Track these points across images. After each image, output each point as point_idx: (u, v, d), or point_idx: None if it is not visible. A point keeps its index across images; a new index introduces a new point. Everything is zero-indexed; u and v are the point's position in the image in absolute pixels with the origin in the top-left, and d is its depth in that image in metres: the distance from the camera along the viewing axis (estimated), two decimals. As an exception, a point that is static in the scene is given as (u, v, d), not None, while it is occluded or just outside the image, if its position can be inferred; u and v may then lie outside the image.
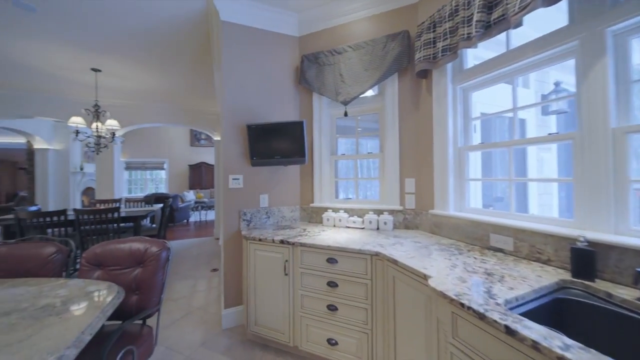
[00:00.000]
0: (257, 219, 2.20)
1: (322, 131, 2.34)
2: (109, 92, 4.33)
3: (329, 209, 2.17)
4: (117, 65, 3.41)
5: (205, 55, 3.21)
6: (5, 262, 1.27)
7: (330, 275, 1.54)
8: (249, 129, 2.13)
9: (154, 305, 1.22)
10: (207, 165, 9.91)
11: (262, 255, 1.79)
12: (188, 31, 2.67)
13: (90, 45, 2.90)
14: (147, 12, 2.35)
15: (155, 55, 3.16)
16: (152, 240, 1.34)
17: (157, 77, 3.82)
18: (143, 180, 9.87)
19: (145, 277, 1.23)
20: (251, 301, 1.84)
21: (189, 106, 5.23)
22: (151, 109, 5.00)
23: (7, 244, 1.34)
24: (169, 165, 10.05)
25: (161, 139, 9.81)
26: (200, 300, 2.57)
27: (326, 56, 2.26)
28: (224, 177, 2.17)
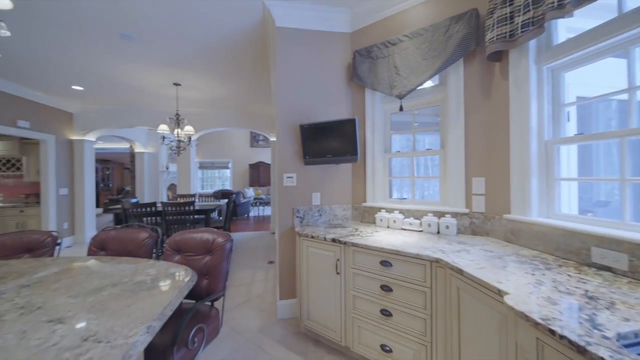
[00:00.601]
0: (310, 217, 2.25)
1: (375, 128, 2.25)
2: (186, 102, 5.04)
3: (382, 209, 2.07)
4: (193, 79, 3.94)
5: (262, 62, 3.43)
6: (114, 243, 1.59)
7: (384, 278, 1.47)
8: (302, 129, 2.18)
9: (220, 290, 1.36)
10: (265, 165, 10.69)
11: (314, 253, 1.82)
12: (248, 41, 2.89)
13: (172, 63, 3.41)
14: (215, 29, 2.63)
15: (222, 67, 3.53)
16: (218, 232, 1.49)
17: (223, 86, 4.27)
18: (212, 178, 11.25)
19: (213, 265, 1.38)
20: (304, 296, 1.89)
21: (248, 110, 5.70)
22: (218, 115, 5.63)
23: (116, 229, 1.68)
24: (232, 164, 11.21)
25: (226, 142, 10.99)
26: (259, 289, 2.78)
27: (379, 49, 2.17)
28: (279, 175, 2.29)
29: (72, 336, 0.72)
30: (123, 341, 0.69)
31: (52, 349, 0.67)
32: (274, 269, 3.38)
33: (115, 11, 2.33)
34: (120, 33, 2.69)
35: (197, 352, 1.10)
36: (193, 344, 1.08)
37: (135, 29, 2.64)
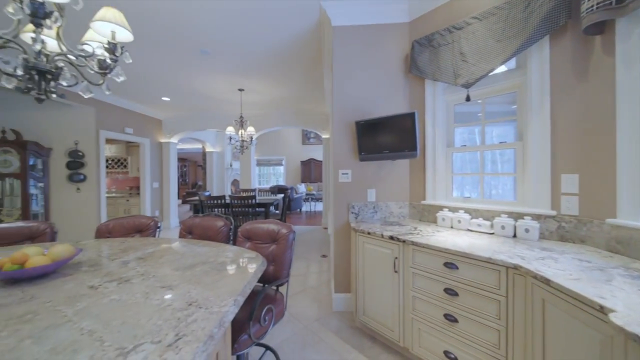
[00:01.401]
0: (365, 213, 2.25)
1: (437, 121, 2.11)
2: (248, 105, 5.53)
3: (444, 208, 1.94)
4: (254, 84, 4.30)
5: (315, 62, 3.54)
6: (198, 229, 1.88)
7: (448, 281, 1.39)
8: (357, 125, 2.19)
9: (284, 276, 1.48)
10: (316, 161, 11.00)
11: (371, 249, 1.82)
12: (303, 44, 3.01)
13: (237, 72, 3.79)
14: (274, 37, 2.83)
15: (279, 70, 3.76)
16: (282, 224, 1.62)
17: (280, 88, 4.55)
18: (267, 174, 12.12)
19: (278, 253, 1.51)
20: (359, 291, 1.91)
21: (302, 109, 5.94)
22: (275, 115, 6.02)
23: (199, 217, 1.97)
24: (285, 161, 11.87)
25: (280, 140, 11.66)
26: (313, 280, 2.91)
27: (442, 35, 2.01)
28: (334, 171, 2.34)
29: (180, 300, 0.89)
30: (217, 309, 0.83)
31: (168, 308, 0.84)
32: (328, 262, 3.48)
33: (198, 31, 2.71)
34: (201, 49, 3.12)
35: (267, 329, 1.23)
36: (264, 321, 1.21)
37: (212, 45, 3.02)
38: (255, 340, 1.15)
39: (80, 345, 0.66)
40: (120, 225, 1.95)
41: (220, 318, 0.78)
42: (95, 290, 0.98)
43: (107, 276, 1.11)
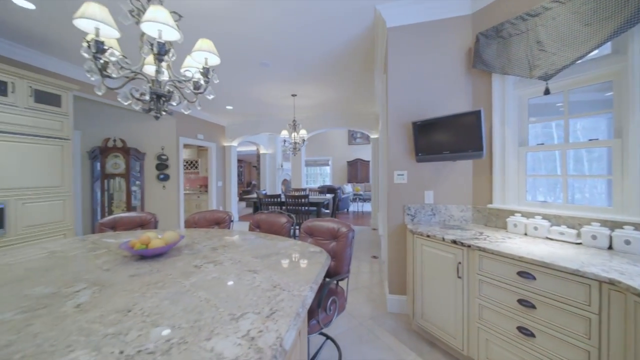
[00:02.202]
0: (422, 215, 2.20)
1: (506, 118, 1.94)
2: (300, 109, 5.83)
3: (516, 213, 1.78)
4: (306, 89, 4.53)
5: (366, 64, 3.56)
6: (265, 224, 2.11)
7: (523, 292, 1.29)
8: (414, 126, 2.15)
9: (345, 272, 1.57)
10: (362, 162, 10.91)
11: (430, 252, 1.79)
12: (354, 47, 3.07)
13: (291, 79, 4.05)
14: (327, 44, 2.95)
15: (331, 74, 3.89)
16: (342, 222, 1.72)
17: (330, 91, 4.69)
18: (314, 174, 12.50)
19: (339, 249, 1.61)
20: (417, 294, 1.89)
21: (351, 110, 5.99)
22: (325, 117, 6.21)
23: (264, 213, 2.20)
24: (332, 161, 12.07)
25: (327, 141, 11.90)
26: (365, 280, 2.95)
27: (513, 24, 1.85)
28: (388, 172, 2.35)
29: (266, 283, 1.05)
30: (298, 293, 0.96)
31: (258, 288, 1.01)
32: (378, 263, 3.48)
33: (260, 47, 3.01)
34: (261, 62, 3.44)
35: (332, 318, 1.33)
36: (330, 311, 1.32)
37: (270, 57, 3.31)
38: (323, 325, 1.27)
39: (202, 309, 0.86)
40: (204, 218, 2.30)
41: (303, 300, 0.91)
42: (199, 268, 1.22)
43: (204, 259, 1.36)
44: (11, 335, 0.72)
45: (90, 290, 1.00)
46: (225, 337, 0.71)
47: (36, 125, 2.64)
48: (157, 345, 0.67)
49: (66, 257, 1.41)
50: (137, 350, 0.65)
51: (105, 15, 1.21)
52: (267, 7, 2.31)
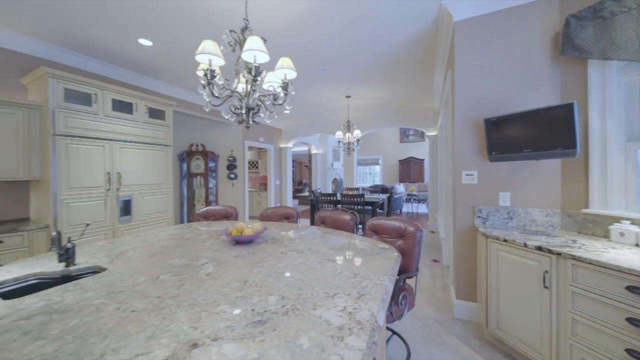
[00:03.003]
0: (495, 218, 2.06)
1: (608, 110, 1.69)
2: (353, 109, 5.91)
3: (623, 220, 1.54)
4: (360, 89, 4.59)
5: (425, 61, 3.43)
6: (330, 220, 2.26)
7: (634, 310, 1.14)
8: (487, 123, 2.03)
9: (413, 270, 1.61)
10: (416, 160, 10.38)
11: (507, 258, 1.68)
12: (414, 45, 3.00)
13: (346, 81, 4.15)
14: (385, 45, 2.96)
15: (386, 74, 3.87)
16: (408, 221, 1.75)
17: (384, 90, 4.65)
18: (364, 174, 12.40)
19: (407, 248, 1.65)
20: (491, 302, 1.80)
21: (405, 108, 5.81)
22: (378, 116, 6.15)
23: (329, 210, 2.36)
24: (382, 160, 11.79)
25: (376, 139, 11.67)
26: (426, 283, 2.87)
27: (618, 1, 1.60)
28: (455, 172, 2.26)
29: (346, 271, 1.18)
30: (379, 282, 1.06)
31: (341, 275, 1.14)
32: (440, 267, 3.33)
33: (320, 54, 3.20)
34: (320, 68, 3.64)
35: (403, 312, 1.40)
36: (401, 305, 1.38)
37: (329, 63, 3.48)
38: (396, 317, 1.34)
39: (301, 286, 1.03)
40: (275, 213, 2.59)
41: (385, 288, 1.01)
42: (285, 255, 1.42)
43: (286, 247, 1.57)
44: (175, 290, 1.00)
45: (212, 264, 1.28)
46: (327, 309, 0.85)
47: (149, 136, 3.33)
48: (276, 308, 0.86)
49: (183, 239, 1.80)
50: (263, 310, 0.85)
51: (216, 49, 1.51)
52: (328, 19, 2.46)
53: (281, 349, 0.66)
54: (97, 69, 3.34)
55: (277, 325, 0.76)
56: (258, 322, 0.78)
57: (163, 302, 0.90)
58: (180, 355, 0.64)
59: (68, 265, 1.28)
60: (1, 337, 0.72)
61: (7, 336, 0.72)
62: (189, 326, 0.76)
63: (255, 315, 0.82)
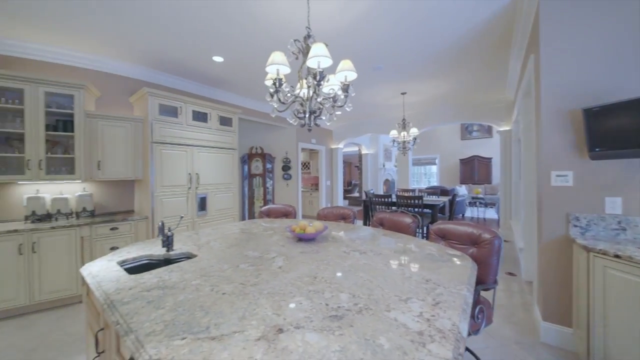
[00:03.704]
0: (600, 229, 1.70)
1: None
2: (408, 106, 5.61)
3: None
4: (417, 85, 4.33)
5: (496, 48, 3.04)
6: (389, 222, 2.19)
7: None
8: (587, 114, 1.69)
9: (491, 282, 1.44)
10: (481, 159, 9.28)
11: (620, 278, 1.37)
12: (486, 29, 2.67)
13: (402, 78, 3.96)
14: (446, 37, 2.72)
15: (448, 66, 3.55)
16: (483, 227, 1.57)
17: (445, 84, 4.28)
18: (419, 174, 11.64)
19: (482, 257, 1.49)
20: (596, 329, 1.48)
21: (468, 102, 5.24)
22: (437, 112, 5.71)
23: (387, 212, 2.29)
24: (439, 160, 10.88)
25: (433, 137, 10.83)
26: (501, 299, 2.54)
27: None
28: (541, 172, 1.94)
29: (416, 276, 1.13)
30: (456, 291, 0.98)
31: (410, 279, 1.09)
32: (517, 282, 2.90)
33: (375, 53, 3.14)
34: (374, 66, 3.57)
35: (480, 327, 1.26)
36: (478, 319, 1.25)
37: (384, 60, 3.38)
38: (472, 332, 1.22)
39: (369, 286, 1.03)
40: (331, 213, 2.64)
41: (464, 299, 0.93)
42: (348, 255, 1.43)
43: (348, 247, 1.58)
44: (254, 278, 1.11)
45: (281, 258, 1.38)
46: (402, 312, 0.83)
47: (220, 141, 3.77)
48: (349, 306, 0.87)
49: (251, 233, 1.98)
50: (337, 306, 0.87)
51: (283, 59, 1.62)
52: (384, 16, 2.39)
53: (361, 346, 0.67)
54: (180, 86, 3.94)
55: (353, 322, 0.77)
56: (334, 316, 0.81)
57: (246, 289, 1.01)
58: (270, 337, 0.70)
59: (168, 250, 1.54)
60: (134, 303, 0.91)
61: (137, 303, 0.91)
62: (272, 312, 0.83)
63: (329, 310, 0.85)
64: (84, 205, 2.98)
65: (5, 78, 2.44)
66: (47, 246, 2.47)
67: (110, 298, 0.95)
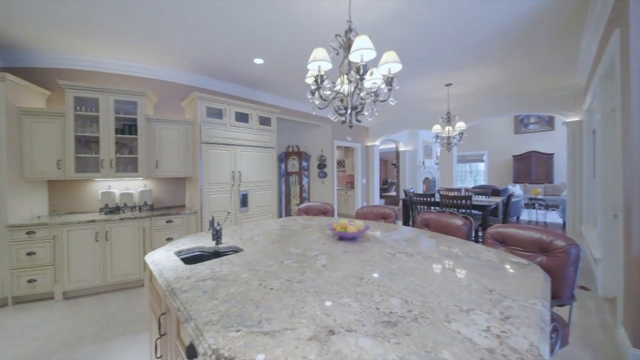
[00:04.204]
0: None
1: None
2: (454, 98, 5.19)
3: None
4: (464, 75, 3.96)
5: (566, 24, 2.61)
6: (435, 223, 2.04)
7: None
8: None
9: (565, 296, 1.24)
10: (539, 155, 8.22)
11: None
12: (553, 7, 2.31)
13: (447, 67, 3.66)
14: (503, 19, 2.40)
15: (502, 51, 3.17)
16: (554, 232, 1.36)
17: (497, 72, 3.84)
18: (462, 172, 10.75)
19: (554, 267, 1.28)
20: None
21: (528, 90, 4.65)
22: (486, 104, 5.19)
23: (433, 212, 2.13)
24: (487, 156, 9.92)
25: (481, 131, 9.89)
26: (575, 314, 2.19)
27: None
28: (631, 170, 1.61)
29: (475, 284, 1.01)
30: (528, 305, 0.85)
31: (470, 288, 0.98)
32: (593, 298, 2.49)
33: (416, 43, 2.94)
34: (417, 58, 3.36)
35: (553, 348, 1.09)
36: (551, 339, 1.08)
37: (426, 50, 3.15)
38: (544, 353, 1.06)
39: (422, 292, 0.94)
40: (370, 212, 2.55)
41: (540, 315, 0.80)
42: (394, 257, 1.35)
43: (393, 248, 1.50)
44: (299, 275, 1.11)
45: (324, 256, 1.36)
46: (464, 325, 0.74)
47: (259, 140, 3.92)
48: (402, 312, 0.81)
49: (292, 230, 2.00)
50: (389, 311, 0.82)
51: (325, 55, 1.59)
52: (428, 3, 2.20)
53: (422, 358, 0.61)
54: (224, 89, 4.19)
55: (409, 331, 0.71)
56: (387, 322, 0.75)
57: (293, 285, 1.00)
58: (322, 338, 0.68)
59: (217, 243, 1.63)
60: (192, 292, 0.96)
61: (194, 292, 0.96)
62: (321, 312, 0.81)
63: (381, 314, 0.80)
64: (145, 200, 3.35)
65: (85, 90, 2.84)
66: (117, 235, 2.82)
67: (171, 286, 1.02)
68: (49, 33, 2.63)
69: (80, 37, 2.71)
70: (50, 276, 2.59)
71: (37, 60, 3.01)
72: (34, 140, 2.72)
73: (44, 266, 2.56)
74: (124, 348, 1.88)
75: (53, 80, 3.03)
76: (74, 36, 2.70)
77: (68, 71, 3.13)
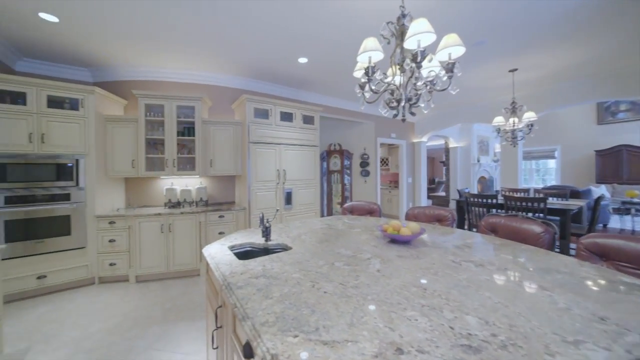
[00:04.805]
0: None
1: None
2: (521, 86, 4.53)
3: None
4: (532, 58, 3.41)
5: None
6: (503, 228, 1.76)
7: None
8: None
9: None
10: (632, 150, 6.72)
11: None
12: None
13: (513, 51, 3.17)
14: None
15: (582, 26, 2.61)
16: (688, 248, 1.03)
17: (575, 51, 3.21)
18: (528, 171, 9.41)
19: (690, 292, 0.97)
20: None
21: (618, 71, 3.79)
22: (560, 90, 4.40)
23: (502, 216, 1.85)
24: (560, 152, 8.50)
25: (551, 123, 8.51)
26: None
27: None
28: None
29: (578, 308, 0.81)
30: None
31: (570, 313, 0.79)
32: None
33: (477, 22, 2.60)
34: (475, 42, 2.98)
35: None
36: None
37: (488, 33, 2.78)
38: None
39: (507, 313, 0.78)
40: (422, 213, 2.35)
41: (695, 362, 0.58)
42: (459, 265, 1.18)
43: (456, 255, 1.32)
44: (353, 280, 1.03)
45: (377, 260, 1.26)
46: (577, 363, 0.57)
47: (303, 138, 3.95)
48: (485, 336, 0.67)
49: (338, 230, 1.94)
50: (466, 332, 0.69)
51: (377, 44, 1.48)
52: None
53: (525, 404, 0.48)
54: (270, 90, 4.33)
55: (500, 362, 0.58)
56: (467, 347, 0.63)
57: (348, 290, 0.93)
58: (389, 357, 0.59)
59: (267, 240, 1.65)
60: (246, 289, 0.96)
61: (249, 289, 0.96)
62: (384, 325, 0.72)
63: (457, 336, 0.67)
64: (201, 196, 3.65)
65: (154, 97, 3.20)
66: (178, 227, 3.12)
67: (227, 280, 1.04)
68: (129, 50, 3.02)
69: (155, 52, 3.07)
70: (126, 261, 2.98)
71: (115, 74, 3.50)
72: (115, 143, 3.17)
73: (121, 252, 2.97)
74: (185, 332, 2.05)
75: (128, 91, 3.49)
76: (150, 52, 3.07)
77: (140, 82, 3.58)
